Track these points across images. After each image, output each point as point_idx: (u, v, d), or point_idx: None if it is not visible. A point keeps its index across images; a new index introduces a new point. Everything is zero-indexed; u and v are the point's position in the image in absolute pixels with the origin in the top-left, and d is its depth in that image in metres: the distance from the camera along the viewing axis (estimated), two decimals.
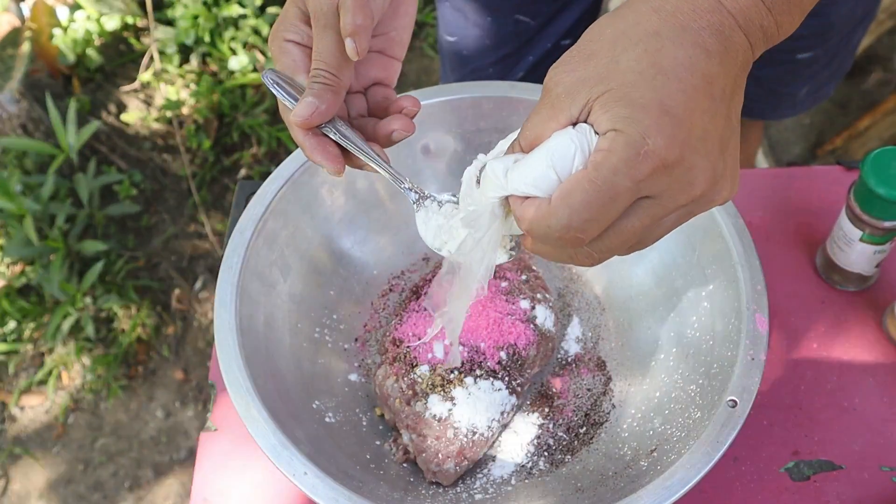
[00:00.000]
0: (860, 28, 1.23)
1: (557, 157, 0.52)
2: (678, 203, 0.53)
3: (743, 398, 0.74)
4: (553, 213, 0.52)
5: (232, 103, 2.20)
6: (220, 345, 0.77)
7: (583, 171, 0.51)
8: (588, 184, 0.51)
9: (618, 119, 0.50)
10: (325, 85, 0.66)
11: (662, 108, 0.50)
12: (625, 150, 0.50)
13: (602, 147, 0.51)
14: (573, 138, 0.52)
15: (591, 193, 0.51)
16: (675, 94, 0.51)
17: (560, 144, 0.52)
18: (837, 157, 2.02)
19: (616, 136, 0.50)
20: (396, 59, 0.74)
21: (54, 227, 1.91)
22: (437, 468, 0.80)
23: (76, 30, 2.20)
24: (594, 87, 0.51)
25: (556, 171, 0.53)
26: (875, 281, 0.95)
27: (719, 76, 0.52)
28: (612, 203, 0.51)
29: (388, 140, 0.71)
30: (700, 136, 0.51)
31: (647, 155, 0.50)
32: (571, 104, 0.52)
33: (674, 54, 0.51)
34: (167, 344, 1.96)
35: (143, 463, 1.82)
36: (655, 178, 0.51)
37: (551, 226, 0.52)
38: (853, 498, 0.83)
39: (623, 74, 0.51)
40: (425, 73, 2.34)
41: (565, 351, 0.91)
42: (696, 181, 0.52)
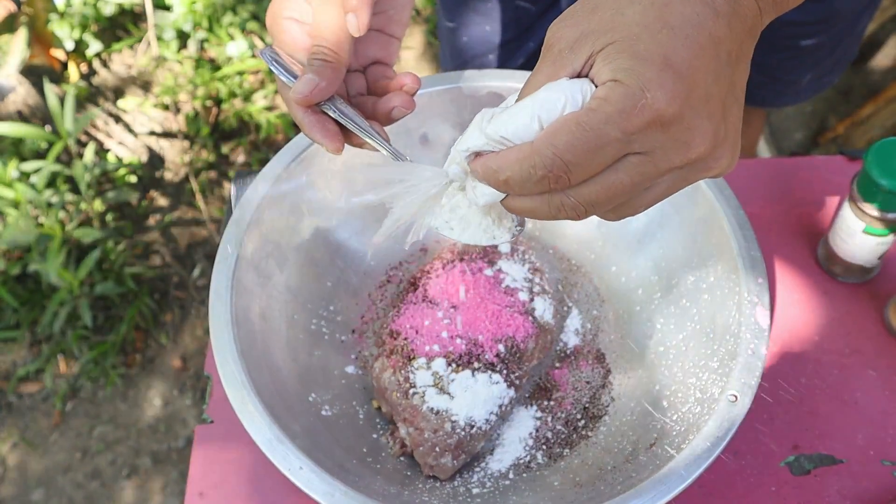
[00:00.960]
0: (865, 15, 1.22)
1: (544, 108, 0.51)
2: (672, 163, 0.51)
3: (744, 393, 0.73)
4: (536, 151, 0.51)
5: (230, 90, 2.19)
6: (215, 337, 0.77)
7: (572, 114, 0.50)
8: (575, 126, 0.49)
9: (618, 70, 0.49)
10: (326, 62, 0.65)
11: (666, 63, 0.49)
12: (621, 101, 0.48)
13: (598, 95, 0.49)
14: (563, 88, 0.51)
15: (577, 136, 0.49)
16: (680, 49, 0.49)
17: (549, 94, 0.51)
18: (839, 144, 2.01)
19: (614, 86, 0.49)
20: (396, 37, 0.74)
21: (51, 215, 1.90)
22: (435, 462, 0.79)
23: (73, 15, 2.19)
24: (597, 40, 0.50)
25: (540, 122, 0.51)
26: (877, 273, 0.94)
27: (726, 38, 0.51)
28: (598, 150, 0.50)
29: (388, 118, 0.70)
30: (702, 97, 0.50)
31: (644, 108, 0.48)
32: (574, 58, 0.51)
33: (681, 10, 0.50)
34: (165, 332, 1.95)
35: (141, 451, 1.82)
36: (649, 133, 0.49)
37: (534, 165, 0.51)
38: (854, 492, 0.83)
39: (628, 27, 0.50)
40: (424, 60, 2.33)
41: (564, 343, 0.91)
42: (694, 142, 0.51)
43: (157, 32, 2.22)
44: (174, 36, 2.23)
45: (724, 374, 0.75)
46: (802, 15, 1.12)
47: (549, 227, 0.97)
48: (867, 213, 0.86)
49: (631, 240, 0.92)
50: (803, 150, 2.04)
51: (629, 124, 0.49)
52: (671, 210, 0.88)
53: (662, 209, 0.89)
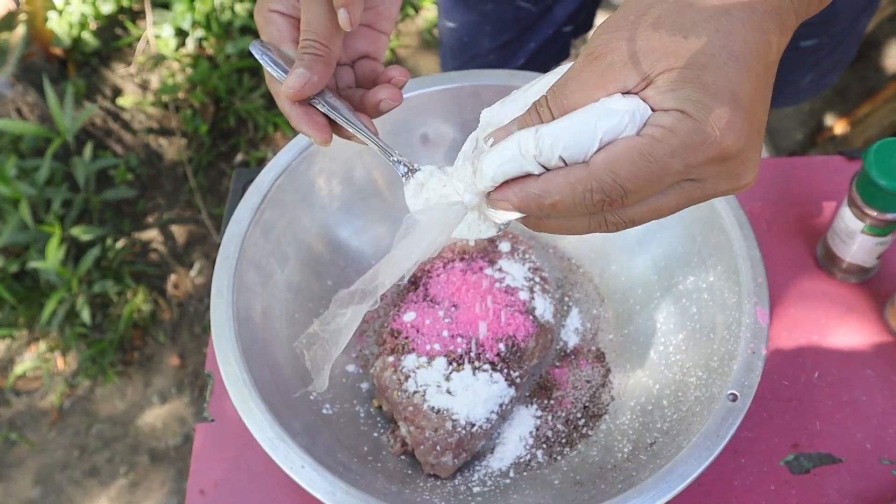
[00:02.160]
0: (865, 15, 1.22)
1: (607, 126, 0.48)
2: (720, 190, 0.51)
3: (743, 392, 0.73)
4: (594, 177, 0.49)
5: (228, 87, 2.19)
6: (216, 336, 0.77)
7: (634, 140, 0.48)
8: (639, 156, 0.48)
9: (687, 101, 0.48)
10: (316, 56, 0.65)
11: (734, 99, 0.48)
12: (689, 135, 0.48)
13: (664, 124, 0.48)
14: (626, 107, 0.48)
15: (640, 167, 0.48)
16: (745, 84, 0.48)
17: (610, 111, 0.48)
18: (836, 144, 2.01)
19: (683, 118, 0.48)
20: (384, 33, 0.73)
21: (50, 212, 1.90)
22: (436, 461, 0.79)
23: (72, 13, 2.19)
24: (658, 62, 0.48)
25: (601, 141, 0.49)
26: (876, 273, 0.95)
27: (774, 63, 0.51)
28: (658, 181, 0.49)
29: (376, 110, 0.70)
30: (758, 130, 0.50)
31: (713, 145, 0.48)
32: (628, 75, 0.49)
33: (744, 38, 0.49)
34: (163, 330, 1.95)
35: (138, 449, 1.82)
36: (709, 167, 0.49)
37: (591, 189, 0.49)
38: (853, 491, 0.83)
39: (692, 54, 0.48)
40: (423, 59, 2.33)
41: (564, 342, 0.91)
42: (746, 174, 0.51)
43: (156, 30, 2.22)
44: (173, 34, 2.23)
45: (724, 373, 0.75)
46: None
47: None
48: (866, 213, 0.86)
49: (631, 239, 0.92)
50: (801, 149, 2.05)
51: (694, 159, 0.48)
52: None
53: None
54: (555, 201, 0.51)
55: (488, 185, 0.53)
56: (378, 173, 0.93)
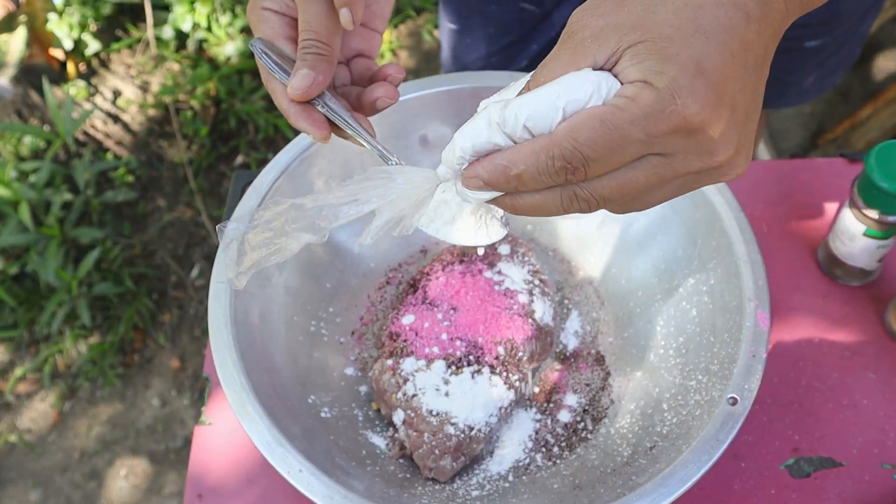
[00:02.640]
0: (869, 16, 1.22)
1: (570, 97, 0.49)
2: (690, 168, 0.51)
3: (744, 396, 0.73)
4: (555, 143, 0.50)
5: (229, 89, 2.19)
6: (214, 339, 0.76)
7: (597, 109, 0.49)
8: (599, 123, 0.49)
9: (650, 71, 0.48)
10: (319, 55, 0.65)
11: (698, 69, 0.48)
12: (649, 103, 0.48)
13: (625, 94, 0.48)
14: (591, 79, 0.49)
15: (600, 133, 0.49)
16: (712, 56, 0.48)
17: (575, 83, 0.49)
18: (838, 146, 2.01)
19: (643, 87, 0.48)
20: (378, 31, 0.73)
21: (50, 214, 1.90)
22: (434, 464, 0.79)
23: (72, 15, 2.19)
24: (626, 35, 0.49)
25: (563, 112, 0.50)
26: (877, 276, 0.94)
27: (755, 44, 0.50)
28: (620, 149, 0.49)
29: (373, 108, 0.70)
30: (729, 106, 0.49)
31: (672, 113, 0.48)
32: (598, 50, 0.50)
33: (714, 13, 0.49)
34: (163, 332, 1.95)
35: (138, 451, 1.82)
36: (673, 138, 0.49)
37: (553, 156, 0.50)
38: (854, 495, 0.83)
39: (659, 26, 0.49)
40: (424, 61, 2.33)
41: (564, 345, 0.90)
42: (718, 151, 0.50)
43: (156, 32, 2.22)
44: (173, 35, 2.23)
45: (725, 376, 0.75)
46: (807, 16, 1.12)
47: (549, 229, 0.96)
48: (868, 216, 0.85)
49: (631, 242, 0.92)
50: (802, 151, 2.04)
51: (655, 128, 0.48)
52: (671, 212, 0.88)
53: (663, 211, 0.89)
54: (520, 171, 0.51)
55: (458, 157, 0.54)
56: None
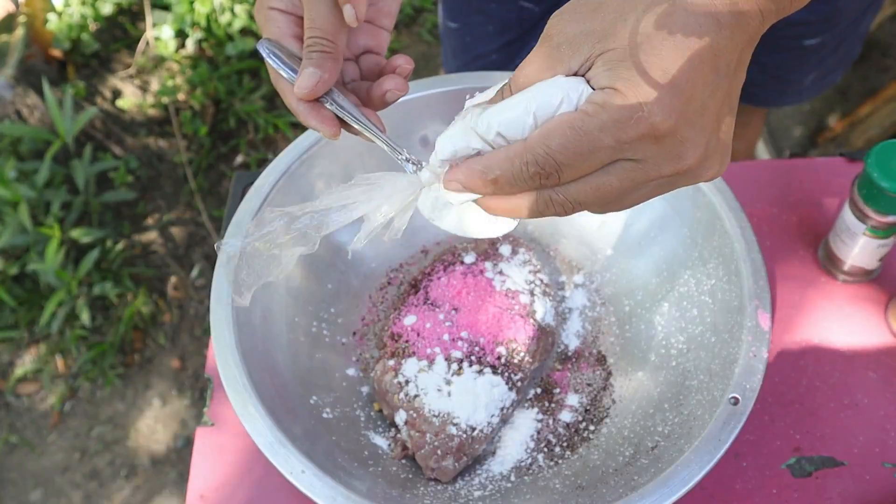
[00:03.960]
0: (868, 14, 1.22)
1: (540, 103, 0.51)
2: (662, 172, 0.52)
3: (745, 395, 0.73)
4: (529, 149, 0.51)
5: (229, 89, 2.19)
6: (216, 340, 0.76)
7: (567, 115, 0.50)
8: (570, 130, 0.50)
9: (617, 78, 0.49)
10: (325, 53, 0.65)
11: (665, 75, 0.49)
12: (617, 110, 0.49)
13: (595, 100, 0.50)
14: (561, 86, 0.51)
15: (570, 139, 0.50)
16: (680, 62, 0.49)
17: (545, 91, 0.51)
18: (837, 144, 2.01)
19: (612, 94, 0.49)
20: (385, 29, 0.74)
21: (50, 214, 1.90)
22: (436, 465, 0.79)
23: (71, 14, 2.19)
24: (598, 43, 0.50)
25: (535, 118, 0.51)
26: (878, 275, 0.94)
27: (726, 49, 0.51)
28: (590, 154, 0.50)
29: (383, 101, 0.70)
30: (698, 110, 0.50)
31: (639, 120, 0.49)
32: (572, 56, 0.51)
33: (684, 20, 0.50)
34: (163, 332, 1.95)
35: (139, 451, 1.82)
36: (642, 144, 0.50)
37: (527, 162, 0.51)
38: (855, 494, 0.83)
39: (630, 34, 0.50)
40: (424, 60, 2.33)
41: (565, 345, 0.91)
42: (686, 155, 0.51)
43: (156, 32, 2.22)
44: (172, 35, 2.23)
45: (726, 376, 0.75)
46: (806, 14, 1.12)
47: (550, 229, 0.96)
48: (868, 215, 0.86)
49: (632, 242, 0.92)
50: (801, 149, 2.04)
51: (623, 134, 0.49)
52: (672, 212, 0.88)
53: (663, 211, 0.89)
54: (496, 176, 0.53)
55: (440, 161, 0.56)
56: None
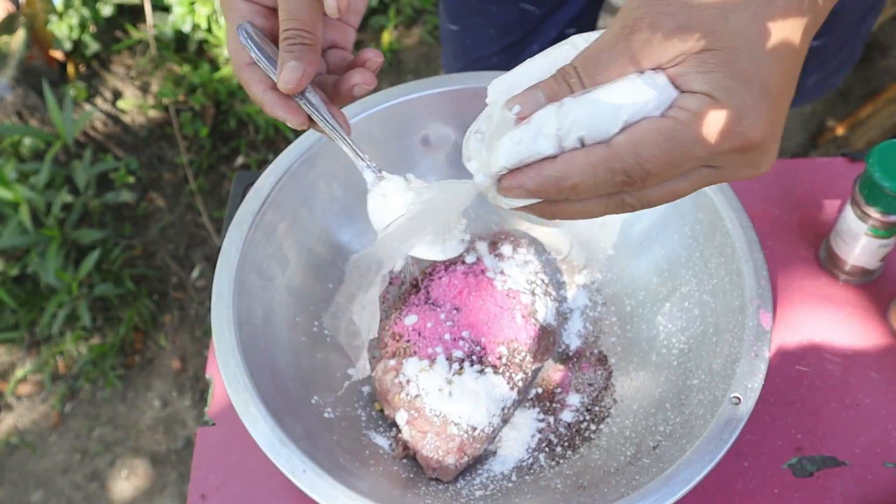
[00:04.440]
0: (870, 16, 1.22)
1: (632, 108, 0.48)
2: (737, 177, 0.51)
3: (747, 395, 0.73)
4: (617, 157, 0.48)
5: (229, 90, 2.19)
6: (217, 340, 0.76)
7: (659, 122, 0.48)
8: (664, 139, 0.47)
9: (717, 86, 0.47)
10: (305, 45, 0.64)
11: (764, 89, 0.47)
12: (714, 123, 0.47)
13: (690, 108, 0.47)
14: (652, 86, 0.48)
15: (663, 149, 0.48)
16: (776, 75, 0.48)
17: (636, 92, 0.47)
18: (838, 145, 2.01)
19: (711, 104, 0.47)
20: (352, 26, 0.73)
21: (50, 215, 1.90)
22: (437, 464, 0.79)
23: (72, 16, 2.19)
24: (696, 41, 0.47)
25: (624, 123, 0.48)
26: (879, 275, 0.94)
27: (803, 52, 0.50)
28: (679, 165, 0.49)
29: (350, 95, 0.69)
30: (782, 121, 0.50)
31: (738, 135, 0.47)
32: (664, 52, 0.48)
33: (781, 26, 0.48)
34: (164, 333, 1.95)
35: (140, 452, 1.82)
36: (731, 155, 0.49)
37: (614, 170, 0.48)
38: (857, 494, 0.83)
39: (730, 36, 0.47)
40: (424, 61, 2.33)
41: (566, 345, 0.90)
42: (763, 163, 0.50)
43: (156, 33, 2.22)
44: (173, 37, 2.23)
45: (727, 376, 0.75)
46: None
47: (552, 230, 0.96)
48: (870, 215, 0.86)
49: (633, 242, 0.92)
50: (802, 150, 2.04)
51: (717, 147, 0.48)
52: (673, 212, 0.88)
53: (664, 212, 0.89)
54: (575, 183, 0.49)
55: (501, 167, 0.51)
56: None
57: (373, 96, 0.90)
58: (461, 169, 0.64)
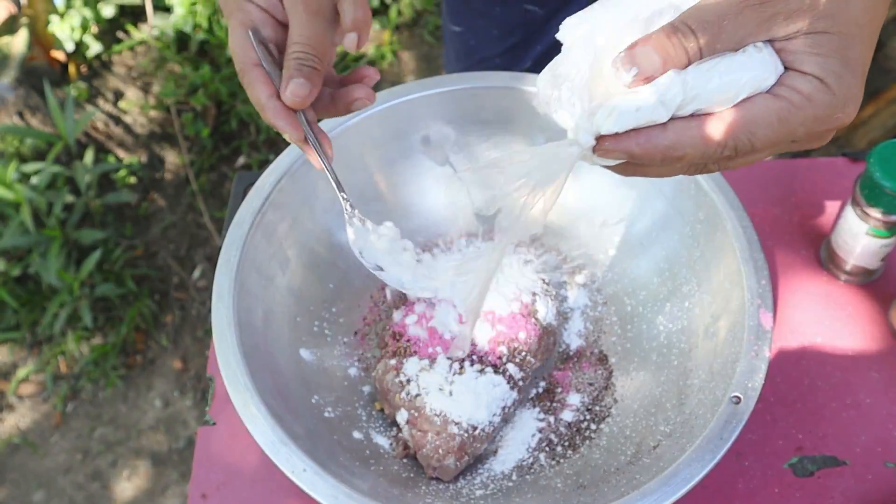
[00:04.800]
0: None
1: (753, 83, 0.48)
2: (806, 148, 0.52)
3: (747, 395, 0.73)
4: (732, 134, 0.49)
5: (230, 91, 2.19)
6: (218, 340, 0.76)
7: (772, 102, 0.48)
8: (777, 121, 0.48)
9: (829, 72, 0.48)
10: (314, 69, 0.66)
11: (863, 77, 0.49)
12: (823, 108, 0.48)
13: (802, 90, 0.48)
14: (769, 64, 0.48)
15: (775, 130, 0.48)
16: (867, 60, 0.49)
17: (757, 69, 0.48)
18: (840, 145, 2.01)
19: (822, 89, 0.48)
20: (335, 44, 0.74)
21: (52, 216, 1.90)
22: (438, 464, 0.79)
23: (73, 17, 2.19)
24: (816, 21, 0.48)
25: (745, 94, 0.48)
26: (880, 275, 0.94)
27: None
28: (780, 144, 0.50)
29: (348, 108, 0.71)
30: None
31: (837, 120, 0.49)
32: (783, 27, 0.48)
33: (881, 13, 0.49)
34: (165, 333, 1.95)
35: (141, 452, 1.82)
36: (821, 135, 0.50)
37: (725, 146, 0.49)
38: (857, 494, 0.83)
39: (847, 23, 0.48)
40: (425, 61, 2.33)
41: (567, 345, 0.90)
42: (828, 138, 0.52)
43: (158, 34, 2.22)
44: (174, 37, 2.23)
45: (728, 375, 0.75)
46: None
47: (552, 229, 0.96)
48: (870, 215, 0.86)
49: (634, 242, 0.92)
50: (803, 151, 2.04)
51: (816, 129, 0.49)
52: (673, 212, 0.88)
53: (665, 211, 0.89)
54: (684, 154, 0.49)
55: (610, 130, 0.49)
56: (380, 176, 0.93)
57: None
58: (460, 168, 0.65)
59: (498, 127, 0.93)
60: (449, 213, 0.96)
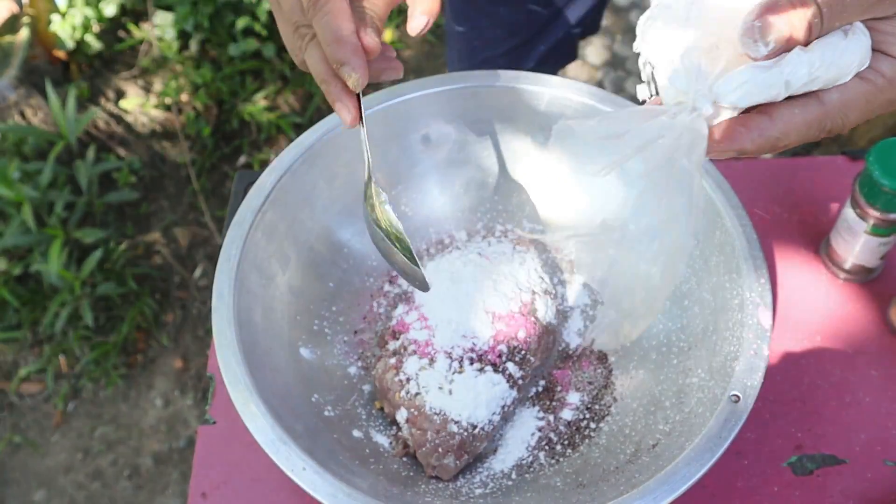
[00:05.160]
0: None
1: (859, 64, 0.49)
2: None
3: (746, 393, 0.73)
4: (829, 116, 0.50)
5: (231, 90, 2.19)
6: (218, 339, 0.77)
7: (864, 87, 0.50)
8: (865, 103, 0.50)
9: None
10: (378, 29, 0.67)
11: None
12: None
13: (886, 73, 0.50)
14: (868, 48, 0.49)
15: (863, 111, 0.51)
16: None
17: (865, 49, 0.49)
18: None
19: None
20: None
21: (53, 215, 1.90)
22: (438, 462, 0.79)
23: (74, 16, 2.19)
24: None
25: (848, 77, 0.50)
26: (880, 273, 0.94)
27: None
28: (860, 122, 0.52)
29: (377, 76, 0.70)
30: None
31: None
32: (882, 9, 0.49)
33: None
34: (166, 332, 1.95)
35: (142, 451, 1.82)
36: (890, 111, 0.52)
37: (822, 129, 0.51)
38: (857, 492, 0.83)
39: None
40: (427, 60, 2.33)
41: (566, 343, 0.91)
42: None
43: (159, 33, 2.22)
44: (175, 36, 2.23)
45: (727, 374, 0.75)
46: None
47: (552, 229, 0.96)
48: (870, 213, 0.86)
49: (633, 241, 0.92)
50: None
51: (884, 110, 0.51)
52: None
53: None
54: (790, 141, 0.51)
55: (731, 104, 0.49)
56: (380, 175, 0.93)
57: (373, 95, 0.90)
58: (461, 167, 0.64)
59: (500, 125, 0.93)
60: (449, 212, 0.96)
